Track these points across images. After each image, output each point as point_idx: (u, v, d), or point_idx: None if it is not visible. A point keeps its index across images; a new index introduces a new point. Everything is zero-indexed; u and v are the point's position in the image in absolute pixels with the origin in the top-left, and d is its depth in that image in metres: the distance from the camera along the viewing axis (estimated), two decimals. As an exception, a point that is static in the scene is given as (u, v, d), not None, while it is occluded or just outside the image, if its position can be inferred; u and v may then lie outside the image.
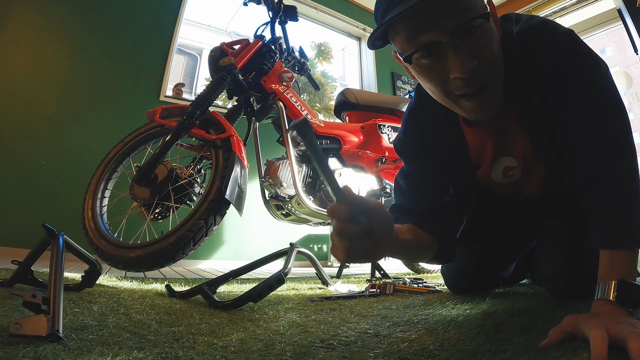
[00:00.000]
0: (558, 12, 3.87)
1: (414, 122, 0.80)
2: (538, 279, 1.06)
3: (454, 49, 0.53)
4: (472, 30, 0.53)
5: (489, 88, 0.59)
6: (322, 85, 5.16)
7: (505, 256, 0.97)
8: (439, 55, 0.55)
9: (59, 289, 0.50)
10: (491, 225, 0.92)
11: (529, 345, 0.43)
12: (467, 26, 0.53)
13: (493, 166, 0.78)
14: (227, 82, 1.41)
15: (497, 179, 0.80)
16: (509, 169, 0.78)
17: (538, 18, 0.65)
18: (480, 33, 0.54)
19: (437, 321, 0.62)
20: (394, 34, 0.59)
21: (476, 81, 0.56)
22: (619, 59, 8.71)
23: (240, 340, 0.50)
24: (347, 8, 4.09)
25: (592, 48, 0.63)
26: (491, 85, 0.59)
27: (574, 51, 0.60)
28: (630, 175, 0.55)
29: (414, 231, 0.71)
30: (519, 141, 0.73)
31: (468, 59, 0.54)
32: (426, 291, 1.07)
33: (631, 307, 0.46)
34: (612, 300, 0.47)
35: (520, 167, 0.77)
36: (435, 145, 0.77)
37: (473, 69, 0.54)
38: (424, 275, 1.94)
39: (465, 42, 0.54)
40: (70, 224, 1.50)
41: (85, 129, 2.39)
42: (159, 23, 2.82)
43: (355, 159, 1.77)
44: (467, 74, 0.54)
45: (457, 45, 0.53)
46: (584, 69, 0.60)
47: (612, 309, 0.46)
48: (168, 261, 1.15)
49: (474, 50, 0.54)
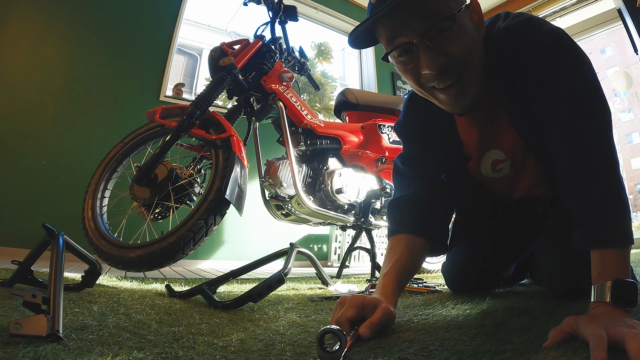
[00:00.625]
0: (558, 12, 3.87)
1: (414, 106, 0.84)
2: (538, 278, 1.06)
3: (424, 48, 0.59)
4: (441, 31, 0.59)
5: (462, 81, 0.63)
6: (322, 85, 5.16)
7: (506, 256, 0.97)
8: (412, 54, 0.61)
9: (59, 289, 0.50)
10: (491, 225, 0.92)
11: (529, 345, 0.43)
12: (435, 28, 0.58)
13: (482, 159, 0.81)
14: (227, 82, 1.41)
15: (486, 172, 0.82)
16: (497, 162, 0.80)
17: (526, 15, 0.67)
18: (449, 33, 0.59)
19: (437, 321, 0.62)
20: (378, 35, 0.65)
21: (446, 76, 0.62)
22: (619, 59, 8.71)
23: (240, 340, 0.50)
24: (347, 8, 4.09)
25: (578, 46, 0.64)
26: (465, 78, 0.63)
27: (555, 48, 0.62)
28: (609, 173, 0.56)
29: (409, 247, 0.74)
30: (506, 134, 0.76)
31: (437, 56, 0.59)
32: (426, 291, 1.07)
33: (628, 306, 0.46)
34: (608, 302, 0.47)
35: (508, 161, 0.79)
36: (433, 131, 0.82)
37: (442, 65, 0.60)
38: (424, 275, 1.94)
39: (435, 41, 0.59)
40: (70, 224, 1.50)
41: (85, 129, 2.39)
42: (159, 23, 2.81)
43: (355, 159, 1.76)
44: (435, 70, 0.60)
45: (427, 45, 0.59)
46: (564, 66, 0.62)
47: (609, 310, 0.46)
48: (168, 261, 1.15)
49: (444, 48, 0.60)
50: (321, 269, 1.34)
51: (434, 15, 0.58)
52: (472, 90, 0.65)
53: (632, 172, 15.96)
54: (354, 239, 1.94)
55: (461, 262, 0.98)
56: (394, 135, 1.79)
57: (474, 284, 0.98)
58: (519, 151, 0.77)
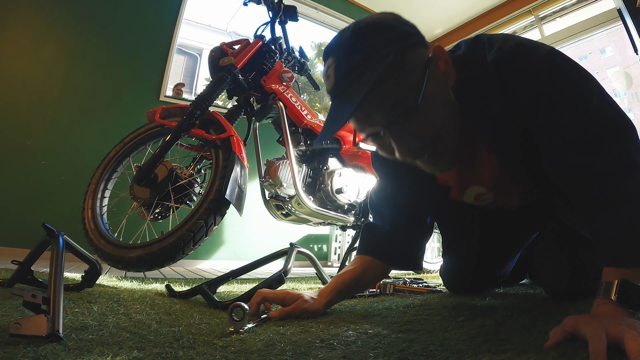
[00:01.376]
0: (558, 12, 3.87)
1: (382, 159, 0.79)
2: (537, 279, 1.06)
3: (392, 137, 0.58)
4: (406, 119, 0.56)
5: (438, 151, 0.61)
6: (322, 85, 5.16)
7: (502, 255, 0.96)
8: (383, 138, 0.60)
9: (59, 289, 0.50)
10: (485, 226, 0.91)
11: (529, 345, 0.43)
12: (400, 118, 0.56)
13: (465, 193, 0.78)
14: (227, 82, 1.41)
15: (470, 202, 0.79)
16: (480, 195, 0.78)
17: (513, 41, 0.60)
18: (416, 118, 0.56)
19: (437, 321, 0.62)
20: None
21: (420, 154, 0.60)
22: (619, 59, 8.70)
23: (240, 340, 0.50)
24: (347, 8, 4.09)
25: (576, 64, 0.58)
26: (440, 148, 0.60)
27: (555, 79, 0.56)
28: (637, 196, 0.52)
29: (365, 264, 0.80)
30: (487, 166, 0.72)
31: (407, 141, 0.58)
32: (426, 291, 1.07)
33: (632, 307, 0.46)
34: (613, 300, 0.46)
35: (491, 192, 0.76)
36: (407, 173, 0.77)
37: (414, 148, 0.58)
38: (424, 275, 1.94)
39: (402, 128, 0.57)
40: (70, 224, 1.50)
41: (85, 129, 2.39)
42: (159, 23, 2.81)
43: (355, 159, 1.76)
44: (408, 155, 0.59)
45: (395, 133, 0.58)
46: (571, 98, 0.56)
47: (612, 309, 0.45)
48: (168, 261, 1.15)
49: (414, 130, 0.57)
50: (321, 269, 1.34)
51: (398, 104, 0.55)
52: (451, 151, 0.62)
53: (632, 172, 15.88)
54: (354, 239, 1.93)
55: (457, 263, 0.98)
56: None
57: (472, 283, 0.98)
58: (501, 180, 0.73)
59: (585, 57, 12.70)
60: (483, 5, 4.21)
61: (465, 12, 4.17)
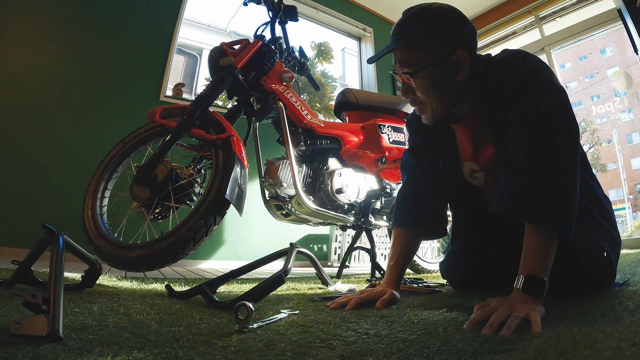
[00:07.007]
0: (558, 12, 3.87)
1: None
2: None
3: (402, 81, 0.84)
4: (411, 77, 0.81)
5: (423, 111, 0.86)
6: (322, 85, 5.15)
7: (502, 250, 0.97)
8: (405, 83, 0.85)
9: (59, 289, 0.50)
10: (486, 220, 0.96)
11: (529, 345, 0.43)
12: (408, 75, 0.81)
13: (463, 166, 0.97)
14: (227, 82, 1.41)
15: (467, 177, 0.97)
16: (473, 171, 0.95)
17: (516, 51, 0.82)
18: (417, 81, 0.81)
19: (437, 321, 0.62)
20: None
21: (413, 103, 0.86)
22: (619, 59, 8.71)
23: (240, 340, 0.50)
24: (347, 8, 4.09)
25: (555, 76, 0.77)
26: (425, 111, 0.86)
27: (531, 78, 0.75)
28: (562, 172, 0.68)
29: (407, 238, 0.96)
30: (487, 148, 0.89)
31: (406, 90, 0.85)
32: (426, 291, 1.07)
33: (535, 295, 0.62)
34: (520, 289, 0.63)
35: (482, 172, 0.93)
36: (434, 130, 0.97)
37: (409, 98, 0.85)
38: (424, 275, 1.94)
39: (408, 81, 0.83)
40: (70, 224, 1.50)
41: (85, 128, 2.39)
42: (159, 23, 2.82)
43: (355, 159, 1.76)
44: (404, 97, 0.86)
45: (403, 80, 0.84)
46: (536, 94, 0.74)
47: (521, 295, 0.62)
48: (168, 261, 1.15)
49: (413, 88, 0.83)
50: (321, 269, 1.34)
51: (411, 65, 0.80)
52: (433, 116, 0.85)
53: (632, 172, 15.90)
54: (354, 239, 1.93)
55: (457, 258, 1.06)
56: (394, 135, 1.79)
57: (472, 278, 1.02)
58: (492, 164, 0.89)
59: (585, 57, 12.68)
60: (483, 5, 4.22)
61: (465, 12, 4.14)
